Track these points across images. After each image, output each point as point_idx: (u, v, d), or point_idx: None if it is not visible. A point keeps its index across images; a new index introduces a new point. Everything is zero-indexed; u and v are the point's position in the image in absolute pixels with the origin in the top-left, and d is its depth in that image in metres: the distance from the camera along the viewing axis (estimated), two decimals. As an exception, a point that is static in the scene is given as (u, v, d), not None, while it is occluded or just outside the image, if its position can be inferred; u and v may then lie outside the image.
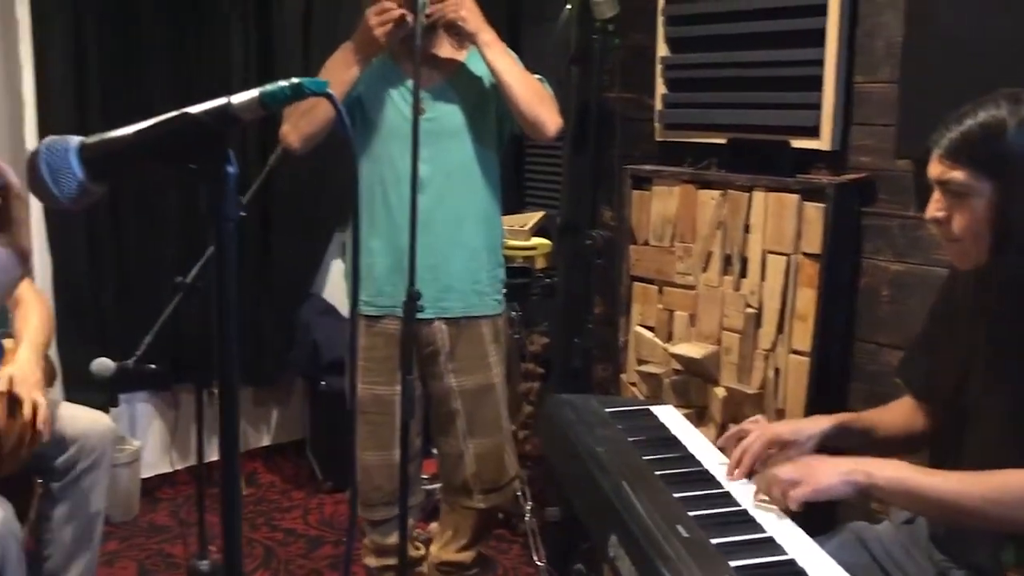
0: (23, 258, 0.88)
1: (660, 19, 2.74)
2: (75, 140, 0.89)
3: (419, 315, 2.14)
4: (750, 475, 1.70)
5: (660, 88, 2.78)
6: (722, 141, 2.63)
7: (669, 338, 2.75)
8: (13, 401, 2.17)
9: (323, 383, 3.76)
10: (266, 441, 4.06)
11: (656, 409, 2.18)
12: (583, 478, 1.83)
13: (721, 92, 2.66)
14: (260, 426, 4.05)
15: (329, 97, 0.90)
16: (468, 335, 2.52)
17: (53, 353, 2.80)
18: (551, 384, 3.15)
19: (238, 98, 0.89)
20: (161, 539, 3.38)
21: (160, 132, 0.88)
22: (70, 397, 3.14)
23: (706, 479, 1.77)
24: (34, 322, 2.37)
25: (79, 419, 2.51)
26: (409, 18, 2.27)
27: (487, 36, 2.36)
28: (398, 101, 2.45)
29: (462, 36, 2.40)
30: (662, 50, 2.76)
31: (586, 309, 2.81)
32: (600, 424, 2.02)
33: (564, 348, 2.91)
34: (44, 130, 3.25)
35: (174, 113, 0.88)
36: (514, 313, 3.31)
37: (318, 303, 4.01)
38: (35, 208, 3.23)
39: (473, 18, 2.35)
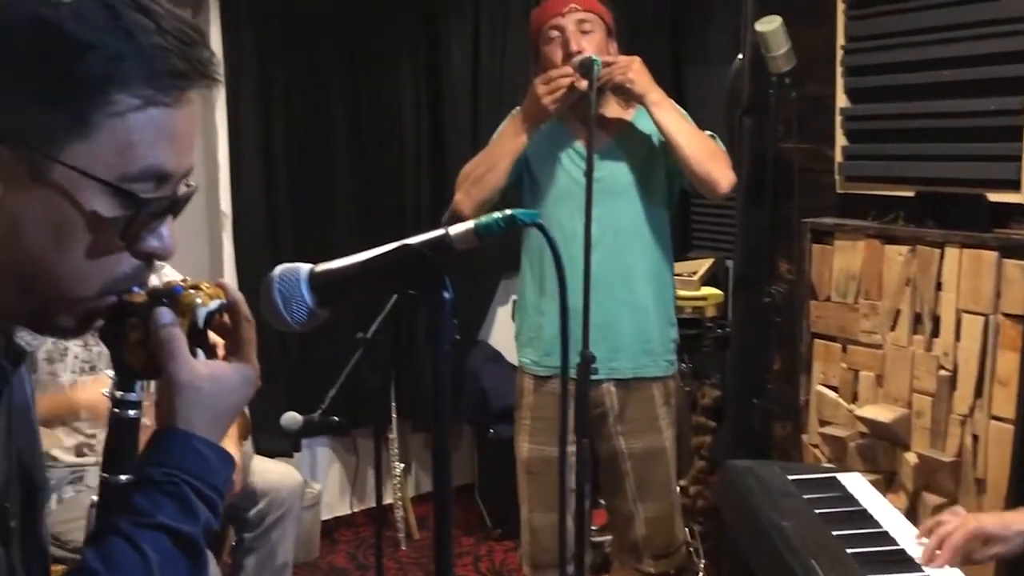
0: (255, 377, 0.93)
1: (839, 69, 2.65)
2: (305, 270, 0.94)
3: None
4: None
5: (840, 139, 2.68)
6: (909, 194, 2.51)
7: (854, 399, 2.63)
8: None
9: (491, 431, 3.80)
10: (437, 485, 4.14)
11: (843, 477, 2.09)
12: (768, 554, 1.77)
13: (907, 143, 2.55)
14: (431, 470, 4.14)
15: (540, 228, 0.91)
16: (638, 397, 2.49)
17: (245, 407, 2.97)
18: (725, 442, 3.08)
19: (454, 229, 0.92)
20: (341, 582, 3.51)
21: (383, 263, 0.92)
22: (258, 445, 3.32)
23: (903, 560, 1.68)
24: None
25: (270, 472, 2.65)
26: (580, 85, 2.29)
27: (656, 96, 2.35)
28: (566, 163, 2.47)
29: (630, 97, 2.41)
30: (842, 101, 2.66)
31: (764, 367, 2.74)
32: (784, 494, 1.96)
33: (740, 407, 2.85)
34: (237, 192, 3.48)
35: (395, 244, 0.92)
36: (684, 365, 3.26)
37: (485, 350, 4.08)
38: (229, 275, 3.45)
39: (641, 79, 2.34)
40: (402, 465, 3.78)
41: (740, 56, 2.93)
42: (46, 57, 0.75)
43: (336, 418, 2.59)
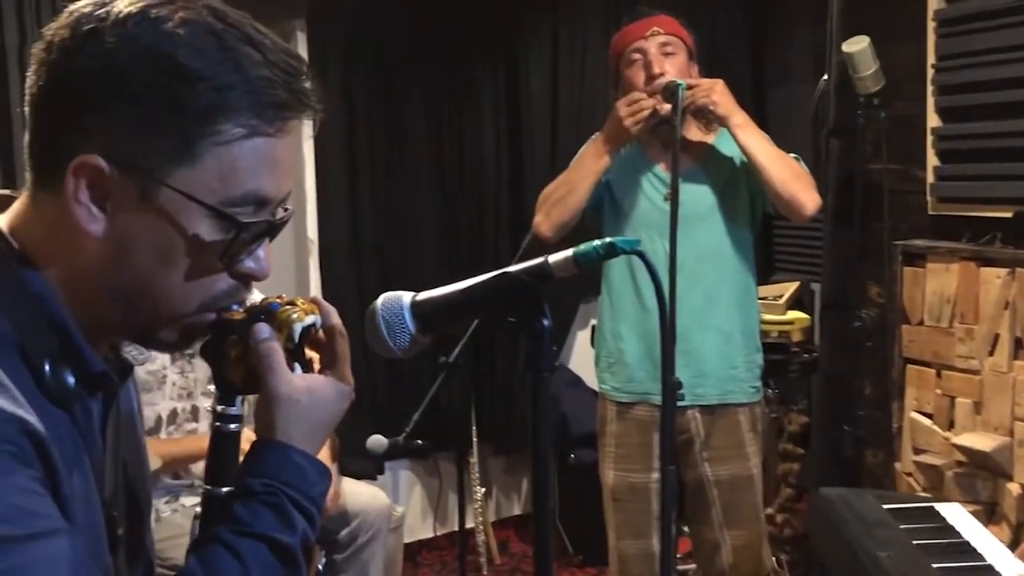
0: (350, 391, 0.95)
1: (930, 88, 2.59)
2: (407, 298, 0.96)
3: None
4: None
5: (932, 160, 2.62)
6: (1005, 215, 2.43)
7: (950, 426, 2.55)
8: None
9: (572, 456, 3.78)
10: (517, 510, 4.14)
11: (941, 507, 2.01)
12: (866, 587, 1.72)
13: (1002, 163, 2.47)
14: (511, 495, 4.15)
15: (641, 255, 0.92)
16: (724, 423, 2.45)
17: (332, 429, 3.02)
18: (815, 470, 3.01)
19: (554, 258, 0.93)
20: (424, 605, 3.52)
21: (483, 290, 0.94)
22: (343, 467, 3.36)
23: (1009, 595, 1.62)
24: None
25: (359, 495, 2.69)
26: (663, 108, 2.29)
27: (739, 119, 2.33)
28: (646, 188, 2.46)
29: (713, 119, 2.39)
30: (933, 120, 2.60)
31: (854, 393, 2.67)
32: (879, 524, 1.90)
33: (828, 434, 2.78)
34: (323, 219, 3.57)
35: (495, 273, 0.94)
36: (770, 391, 3.20)
37: (565, 374, 4.06)
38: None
39: (725, 102, 2.32)
40: (483, 489, 3.79)
41: (825, 77, 2.89)
42: (159, 85, 0.78)
43: (420, 441, 2.61)
